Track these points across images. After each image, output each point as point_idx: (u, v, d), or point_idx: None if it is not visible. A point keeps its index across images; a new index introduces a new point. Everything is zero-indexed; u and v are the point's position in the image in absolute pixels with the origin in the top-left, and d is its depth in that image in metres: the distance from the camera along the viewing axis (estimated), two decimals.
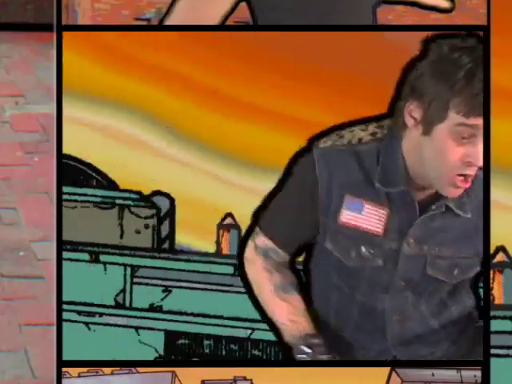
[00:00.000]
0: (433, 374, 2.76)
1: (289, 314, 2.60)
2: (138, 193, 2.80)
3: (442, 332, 2.63)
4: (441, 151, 2.41)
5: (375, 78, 2.77)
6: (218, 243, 2.82)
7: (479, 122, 2.32)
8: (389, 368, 2.76)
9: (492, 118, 2.66)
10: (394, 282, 2.53)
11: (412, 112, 2.41)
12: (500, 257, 2.79)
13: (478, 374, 2.71)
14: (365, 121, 2.64)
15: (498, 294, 2.80)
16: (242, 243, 2.69)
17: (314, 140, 2.63)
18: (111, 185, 2.79)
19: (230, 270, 2.82)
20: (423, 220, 2.48)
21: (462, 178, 2.40)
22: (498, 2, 2.73)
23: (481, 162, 2.35)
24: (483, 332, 2.68)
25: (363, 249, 2.52)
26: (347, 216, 2.54)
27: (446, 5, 2.79)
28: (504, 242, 2.79)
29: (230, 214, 2.82)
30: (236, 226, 2.82)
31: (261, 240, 2.63)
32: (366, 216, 2.53)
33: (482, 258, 2.62)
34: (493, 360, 2.69)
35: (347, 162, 2.52)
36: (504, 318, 2.77)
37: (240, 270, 2.73)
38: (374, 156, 2.50)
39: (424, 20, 2.81)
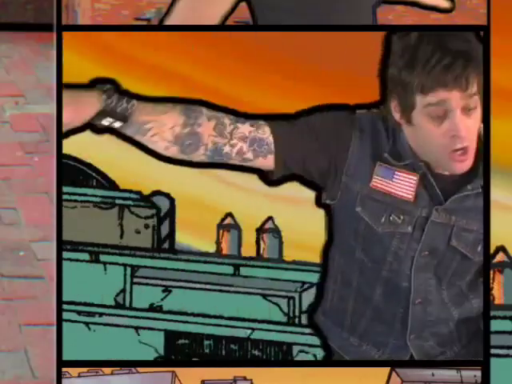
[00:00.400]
0: (433, 374, 2.74)
1: None
2: (138, 193, 2.79)
3: (457, 331, 2.62)
4: (426, 136, 2.41)
5: (375, 78, 2.71)
6: (218, 243, 2.81)
7: (443, 96, 2.30)
8: (389, 368, 2.75)
9: (492, 118, 2.67)
10: (419, 250, 2.48)
11: (395, 107, 2.40)
12: (500, 257, 2.78)
13: (478, 373, 2.69)
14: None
15: (498, 294, 2.79)
16: None
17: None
18: (111, 185, 2.70)
19: (230, 269, 2.82)
20: (457, 198, 2.48)
21: (458, 152, 2.38)
22: (498, 2, 2.73)
23: (463, 131, 2.34)
24: (483, 332, 2.66)
25: (393, 214, 2.49)
26: (378, 181, 2.52)
27: (445, 5, 2.78)
28: (504, 241, 2.78)
29: (229, 214, 2.81)
30: (236, 226, 2.80)
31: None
32: (397, 182, 2.51)
33: (483, 258, 2.58)
34: (493, 360, 2.67)
35: (381, 131, 2.53)
36: (504, 317, 2.76)
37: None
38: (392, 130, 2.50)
39: (424, 20, 2.81)
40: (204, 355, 2.81)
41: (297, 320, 2.79)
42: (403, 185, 2.50)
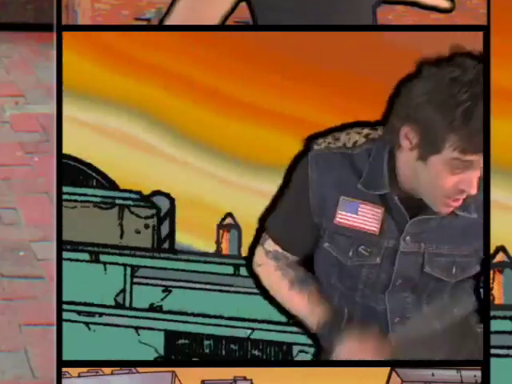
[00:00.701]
0: (433, 374, 2.73)
1: (311, 303, 2.60)
2: (138, 193, 2.78)
3: (444, 335, 2.61)
4: (435, 179, 2.40)
5: (375, 78, 2.75)
6: (218, 243, 2.80)
7: (475, 158, 2.30)
8: (389, 368, 2.73)
9: (492, 118, 2.65)
10: (392, 281, 2.51)
11: (408, 135, 2.36)
12: (500, 257, 2.75)
13: (478, 373, 2.68)
14: (362, 124, 2.64)
15: (498, 294, 2.76)
16: (251, 249, 2.73)
17: (310, 140, 2.65)
18: (111, 185, 2.72)
19: (230, 269, 2.80)
20: (419, 220, 2.48)
21: (449, 200, 2.38)
22: (497, 2, 2.71)
23: (474, 190, 2.35)
24: (483, 332, 2.65)
25: (361, 247, 2.52)
26: (343, 216, 2.53)
27: (445, 5, 2.77)
28: (504, 241, 2.75)
29: (229, 214, 2.79)
30: (236, 226, 2.79)
31: (270, 244, 2.63)
32: (361, 216, 2.52)
33: (482, 257, 2.61)
34: (493, 360, 2.66)
35: (341, 165, 2.51)
36: (504, 317, 2.74)
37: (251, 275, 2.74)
38: (366, 159, 2.50)
39: (424, 20, 2.81)
40: (204, 355, 2.79)
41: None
42: (368, 218, 2.51)
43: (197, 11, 2.68)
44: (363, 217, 2.52)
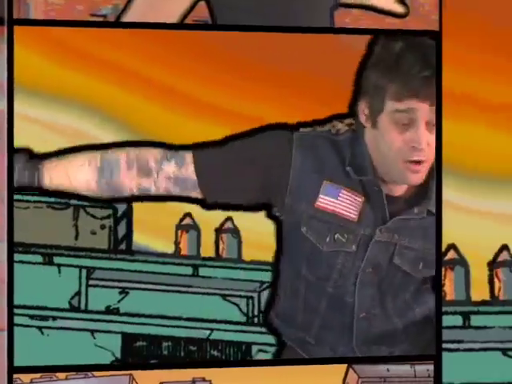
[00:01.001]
0: (388, 370, 1.96)
1: None
2: None
3: (404, 333, 1.90)
4: (387, 140, 1.78)
5: (333, 79, 1.92)
6: (177, 244, 1.91)
7: (413, 105, 1.74)
8: (346, 365, 1.95)
9: (443, 120, 1.92)
10: (362, 267, 1.83)
11: (364, 110, 1.81)
12: (451, 254, 1.98)
13: (431, 367, 1.95)
14: (342, 116, 1.89)
15: (450, 291, 1.98)
16: None
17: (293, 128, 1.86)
18: None
19: (189, 270, 1.92)
20: (402, 218, 1.83)
21: (413, 163, 1.78)
22: (448, 9, 1.97)
23: (423, 145, 1.77)
24: (435, 327, 1.94)
25: (338, 234, 1.81)
26: (323, 201, 1.81)
27: (400, 10, 1.98)
28: (455, 240, 1.98)
29: (188, 215, 1.91)
30: (195, 227, 1.91)
31: (187, 167, 1.83)
32: (341, 201, 1.81)
33: (435, 256, 1.93)
34: (444, 354, 1.94)
35: (326, 149, 1.82)
36: (455, 313, 1.97)
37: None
38: (347, 145, 1.82)
39: (379, 24, 1.98)
40: (162, 357, 1.91)
41: (256, 320, 1.93)
42: (348, 204, 1.81)
43: (155, 9, 1.85)
44: (343, 202, 1.82)
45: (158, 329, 1.94)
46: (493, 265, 2.03)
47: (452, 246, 2.01)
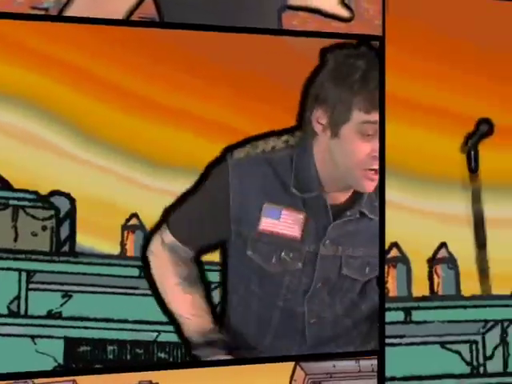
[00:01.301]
0: (334, 366, 1.35)
1: (193, 308, 1.21)
2: (35, 193, 1.21)
3: (355, 330, 1.33)
4: (349, 150, 1.23)
5: (282, 80, 1.28)
6: (123, 245, 1.24)
7: (377, 117, 1.24)
8: (293, 362, 1.31)
9: (386, 122, 1.32)
10: (313, 284, 1.27)
11: (319, 119, 1.25)
12: (394, 252, 1.38)
13: (375, 362, 1.36)
14: (279, 133, 1.26)
15: (393, 287, 1.38)
16: (147, 239, 1.24)
17: (228, 150, 1.22)
18: (4, 184, 1.19)
19: (135, 272, 1.26)
20: (338, 223, 1.28)
21: (372, 171, 1.25)
22: (392, 14, 1.36)
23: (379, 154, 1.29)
24: (378, 323, 1.34)
25: (283, 253, 1.23)
26: (266, 223, 1.23)
27: (345, 14, 1.36)
28: (397, 238, 1.38)
29: (135, 215, 1.24)
30: (141, 227, 1.25)
31: (167, 237, 1.24)
32: (284, 222, 1.23)
33: (378, 254, 1.34)
34: (387, 349, 1.34)
35: (262, 171, 1.23)
36: (397, 309, 1.37)
37: (145, 267, 1.24)
38: (287, 163, 1.24)
39: (325, 27, 1.36)
40: (107, 361, 1.23)
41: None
42: (290, 223, 1.24)
43: (99, 4, 1.18)
44: (285, 222, 1.22)
45: (102, 332, 1.24)
46: (432, 262, 1.44)
47: (394, 245, 1.49)
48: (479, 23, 1.51)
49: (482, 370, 1.43)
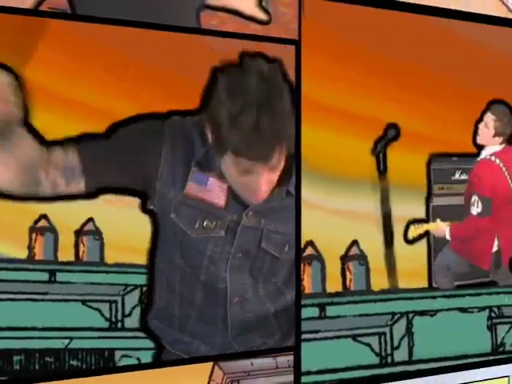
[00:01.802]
0: (252, 363, 1.20)
1: None
2: None
3: (276, 322, 1.16)
4: (230, 175, 1.09)
5: (192, 77, 1.12)
6: (31, 248, 1.01)
7: (254, 166, 1.04)
8: (212, 362, 1.14)
9: (302, 124, 1.21)
10: (233, 253, 1.10)
11: (207, 132, 1.06)
12: (309, 250, 1.26)
13: (291, 358, 1.23)
14: None
15: (308, 285, 1.26)
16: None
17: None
18: None
19: (45, 276, 1.02)
20: (264, 198, 1.08)
21: (249, 192, 1.09)
22: (307, 19, 1.24)
23: (263, 188, 1.09)
24: (295, 319, 1.20)
25: (207, 220, 1.08)
26: (192, 187, 1.07)
27: (263, 17, 1.22)
28: (312, 237, 1.26)
29: (44, 216, 1.01)
30: (51, 229, 1.01)
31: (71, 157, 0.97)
32: (210, 189, 1.08)
33: (294, 252, 1.18)
34: (303, 344, 1.22)
35: (195, 137, 1.05)
36: (312, 305, 1.25)
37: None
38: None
39: (243, 29, 1.20)
40: (14, 372, 0.99)
41: (119, 324, 1.06)
42: (215, 191, 1.08)
43: None
44: (212, 190, 1.08)
45: (8, 342, 1.00)
46: (345, 259, 1.33)
47: (310, 243, 1.29)
48: (391, 33, 1.43)
49: (389, 359, 1.29)
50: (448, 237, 1.37)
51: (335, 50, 1.28)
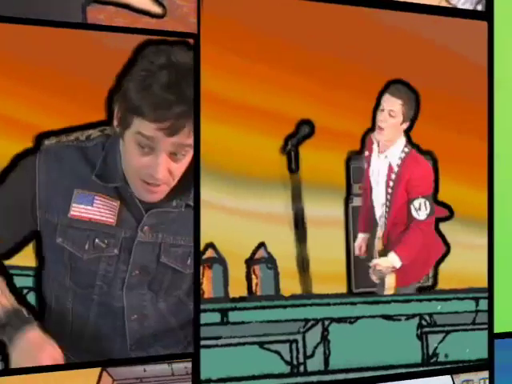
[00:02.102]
0: (145, 370, 1.13)
1: None
2: None
3: (181, 332, 1.12)
4: (128, 158, 1.05)
5: (90, 78, 1.08)
6: None
7: (156, 134, 1.01)
8: (100, 368, 1.09)
9: (201, 120, 1.14)
10: (129, 271, 1.06)
11: (116, 114, 1.04)
12: (209, 253, 1.20)
13: (189, 365, 1.15)
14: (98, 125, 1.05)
15: (208, 289, 1.20)
16: None
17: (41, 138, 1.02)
18: None
19: None
20: (159, 211, 1.07)
21: (150, 185, 1.05)
22: (207, 12, 1.18)
23: (160, 175, 1.04)
24: (193, 325, 1.14)
25: (97, 240, 1.05)
26: (77, 209, 1.04)
27: (157, 10, 1.15)
28: (213, 239, 1.19)
29: None
30: None
31: None
32: (97, 208, 1.05)
33: (193, 255, 1.12)
34: (202, 351, 1.15)
35: (73, 157, 1.03)
36: (213, 310, 1.18)
37: None
38: (99, 151, 1.05)
39: (136, 23, 1.14)
40: None
41: None
42: (103, 210, 1.05)
43: None
44: (99, 209, 1.05)
45: None
46: (250, 262, 1.26)
47: (210, 245, 1.22)
48: (299, 24, 1.35)
49: (302, 368, 1.23)
50: (399, 264, 1.24)
51: (239, 43, 1.22)
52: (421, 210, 1.32)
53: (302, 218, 1.26)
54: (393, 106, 1.28)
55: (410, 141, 1.34)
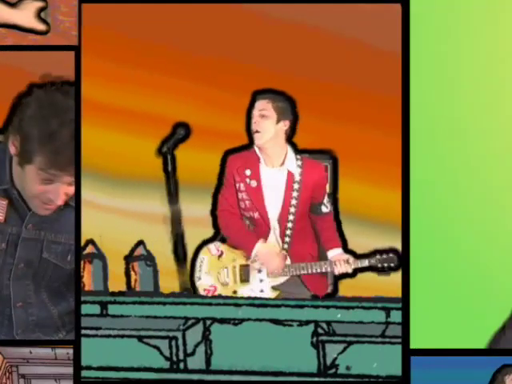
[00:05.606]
0: (31, 352, 1.29)
1: None
2: None
3: (60, 321, 1.25)
4: (29, 185, 1.15)
5: None
6: None
7: (58, 173, 1.12)
8: None
9: (83, 126, 1.24)
10: (15, 264, 1.20)
11: (15, 143, 1.14)
12: (90, 249, 1.33)
13: (71, 351, 1.28)
14: None
15: (89, 282, 1.33)
16: None
17: None
18: None
19: None
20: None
21: (44, 204, 1.15)
22: (87, 25, 1.28)
23: (60, 201, 1.14)
24: (75, 314, 1.26)
25: None
26: None
27: (41, 27, 1.30)
28: (93, 235, 1.32)
29: None
30: None
31: None
32: None
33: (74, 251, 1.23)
34: (83, 340, 1.26)
35: None
36: (93, 302, 1.26)
37: None
38: None
39: (23, 41, 1.30)
40: None
41: None
42: None
43: None
44: None
45: None
46: (129, 259, 1.34)
47: (90, 241, 1.34)
48: (178, 28, 1.36)
49: (182, 365, 1.23)
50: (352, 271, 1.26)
51: (119, 51, 1.31)
52: (327, 206, 1.27)
53: (178, 218, 1.30)
54: (263, 106, 1.26)
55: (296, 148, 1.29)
